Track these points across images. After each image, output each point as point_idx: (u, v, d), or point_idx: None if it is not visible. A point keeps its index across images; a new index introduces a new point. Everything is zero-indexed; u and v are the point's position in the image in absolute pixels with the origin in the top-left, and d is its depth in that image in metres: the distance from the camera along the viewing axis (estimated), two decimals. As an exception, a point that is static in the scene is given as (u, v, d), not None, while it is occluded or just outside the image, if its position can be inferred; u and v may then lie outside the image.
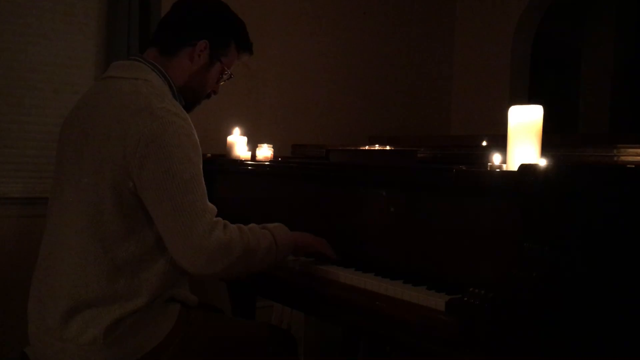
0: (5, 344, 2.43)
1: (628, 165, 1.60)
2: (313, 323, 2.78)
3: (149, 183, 1.37)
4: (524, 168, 1.22)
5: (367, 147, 2.44)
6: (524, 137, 1.31)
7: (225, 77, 1.68)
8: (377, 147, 2.40)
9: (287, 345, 1.71)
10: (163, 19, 1.65)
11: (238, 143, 2.34)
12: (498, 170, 1.35)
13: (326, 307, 1.57)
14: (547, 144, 1.36)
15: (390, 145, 2.39)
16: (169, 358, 1.47)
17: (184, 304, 1.55)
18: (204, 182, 1.44)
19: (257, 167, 2.20)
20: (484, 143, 2.21)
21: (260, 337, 1.67)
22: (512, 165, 1.31)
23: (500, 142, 1.43)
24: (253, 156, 2.36)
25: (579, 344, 1.26)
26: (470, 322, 1.16)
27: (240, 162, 2.27)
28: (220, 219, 1.43)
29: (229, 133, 2.37)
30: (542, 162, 1.27)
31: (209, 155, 2.42)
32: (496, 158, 1.39)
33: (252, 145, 2.39)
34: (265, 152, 2.33)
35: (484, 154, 1.58)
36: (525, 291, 1.17)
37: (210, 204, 1.43)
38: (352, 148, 2.51)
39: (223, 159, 2.36)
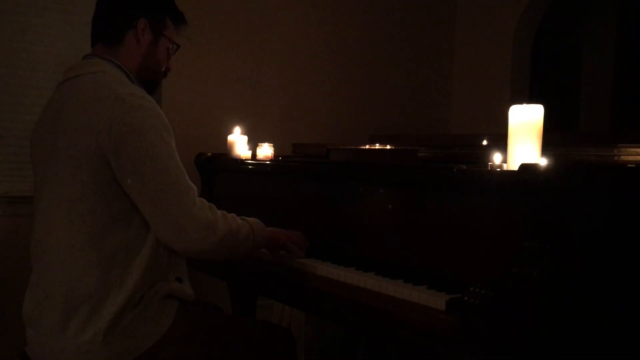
0: (5, 344, 2.43)
1: (628, 165, 1.60)
2: (313, 322, 2.78)
3: (127, 168, 1.39)
4: (525, 167, 1.22)
5: (367, 146, 2.44)
6: (525, 137, 1.31)
7: (172, 50, 1.70)
8: (377, 146, 2.40)
9: (286, 343, 1.72)
10: (95, 16, 1.65)
11: (239, 142, 2.35)
12: (498, 169, 1.35)
13: (327, 307, 1.58)
14: (548, 143, 1.36)
15: (390, 145, 2.39)
16: (168, 355, 1.47)
17: (182, 300, 1.56)
18: (180, 161, 1.46)
19: (258, 166, 2.20)
20: (485, 142, 2.20)
21: (259, 335, 1.68)
22: (513, 164, 1.31)
23: (501, 141, 1.43)
24: (254, 155, 2.36)
25: (579, 343, 1.26)
26: (470, 321, 1.16)
27: (241, 161, 2.27)
28: (204, 199, 1.47)
29: (230, 132, 2.37)
30: (543, 162, 1.27)
31: (209, 154, 2.42)
32: (497, 157, 1.39)
33: (253, 144, 2.39)
34: (265, 151, 2.33)
35: (485, 153, 1.57)
36: (526, 290, 1.17)
37: (191, 183, 1.46)
38: (353, 147, 2.50)
39: (224, 158, 2.36)
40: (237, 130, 2.37)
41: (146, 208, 1.41)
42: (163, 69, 1.70)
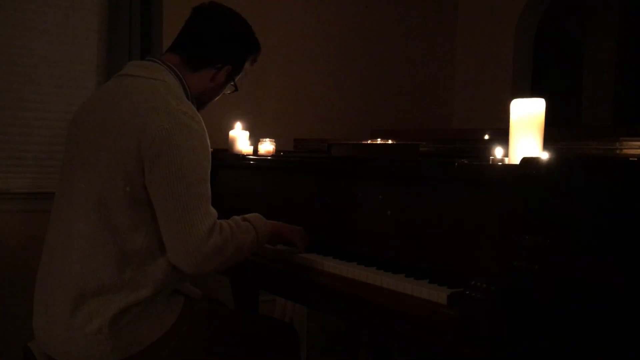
0: (9, 339, 2.44)
1: (630, 158, 1.60)
2: (315, 317, 2.78)
3: (158, 180, 1.40)
4: (526, 162, 1.22)
5: (369, 141, 2.43)
6: (526, 131, 1.30)
7: (230, 90, 1.77)
8: (379, 141, 2.39)
9: (289, 338, 1.73)
10: (190, 29, 1.66)
11: (240, 137, 2.35)
12: (500, 163, 1.34)
13: (329, 301, 1.58)
14: (549, 137, 1.36)
15: (392, 139, 2.39)
16: (172, 349, 1.49)
17: (188, 296, 1.58)
18: (209, 187, 1.47)
19: (259, 162, 2.20)
20: (486, 136, 2.20)
21: (262, 330, 1.69)
22: (514, 158, 1.31)
23: (502, 135, 1.43)
24: (255, 151, 2.36)
25: (580, 338, 1.26)
26: (471, 315, 1.16)
27: (242, 157, 2.27)
28: (218, 221, 1.47)
29: (231, 127, 2.37)
30: (544, 156, 1.27)
31: (211, 149, 2.42)
32: (498, 151, 1.39)
33: (254, 139, 2.39)
34: (267, 146, 2.33)
35: (486, 148, 1.57)
36: (527, 284, 1.17)
37: (212, 209, 1.46)
38: (354, 142, 2.50)
39: (225, 153, 2.36)
40: (238, 125, 2.37)
41: (163, 223, 1.43)
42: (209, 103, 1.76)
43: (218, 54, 1.65)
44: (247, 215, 1.60)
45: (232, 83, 1.74)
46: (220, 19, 1.67)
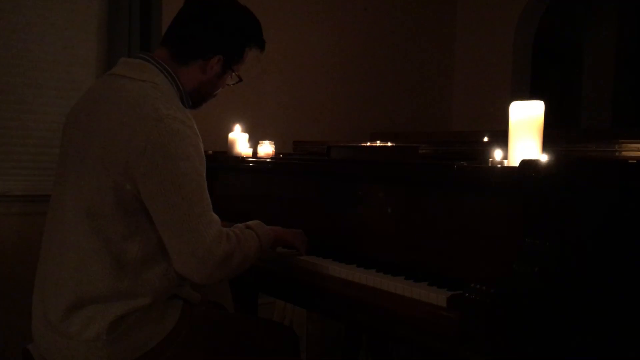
0: (8, 342, 2.44)
1: (630, 161, 1.60)
2: (315, 320, 2.78)
3: (155, 192, 1.37)
4: (525, 164, 1.22)
5: (368, 144, 2.44)
6: (525, 133, 1.30)
7: (233, 81, 1.69)
8: (378, 143, 2.40)
9: (288, 341, 1.72)
10: (178, 19, 1.60)
11: (239, 140, 2.34)
12: (499, 166, 1.35)
13: (329, 304, 1.58)
14: (549, 140, 1.36)
15: (391, 142, 2.39)
16: (172, 355, 1.48)
17: (187, 301, 1.57)
18: (208, 192, 1.45)
19: (259, 164, 2.20)
20: (486, 139, 2.20)
21: (261, 333, 1.68)
22: (514, 161, 1.31)
23: (501, 137, 1.43)
24: (254, 153, 2.36)
25: (579, 340, 1.26)
26: (471, 317, 1.16)
27: (242, 159, 2.27)
28: (223, 229, 1.45)
29: (230, 130, 2.37)
30: (544, 158, 1.27)
31: (210, 152, 2.41)
32: (497, 154, 1.39)
33: (254, 142, 2.39)
34: (266, 149, 2.33)
35: (486, 150, 1.57)
36: (526, 287, 1.17)
37: (214, 215, 1.44)
38: (354, 145, 2.50)
39: (224, 156, 2.36)
40: (237, 128, 2.37)
41: (166, 235, 1.40)
42: (214, 94, 1.68)
43: (204, 44, 1.55)
44: (248, 223, 1.58)
45: (233, 73, 1.65)
46: (207, 8, 1.58)
